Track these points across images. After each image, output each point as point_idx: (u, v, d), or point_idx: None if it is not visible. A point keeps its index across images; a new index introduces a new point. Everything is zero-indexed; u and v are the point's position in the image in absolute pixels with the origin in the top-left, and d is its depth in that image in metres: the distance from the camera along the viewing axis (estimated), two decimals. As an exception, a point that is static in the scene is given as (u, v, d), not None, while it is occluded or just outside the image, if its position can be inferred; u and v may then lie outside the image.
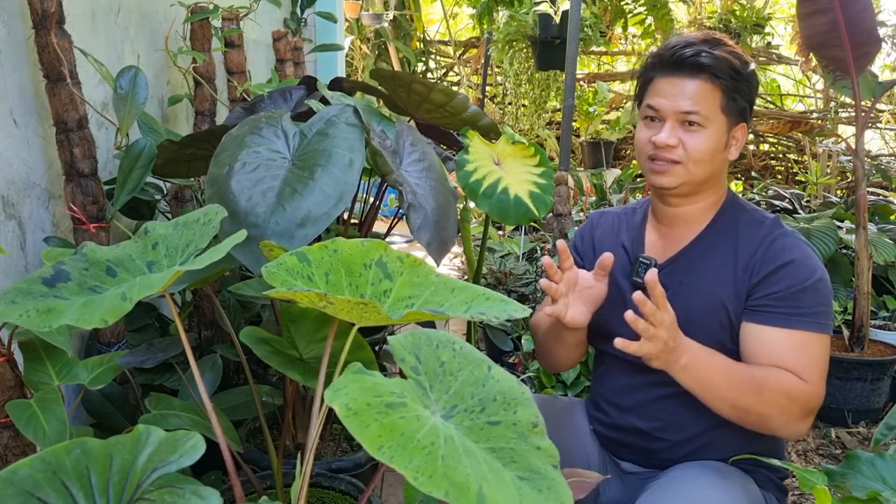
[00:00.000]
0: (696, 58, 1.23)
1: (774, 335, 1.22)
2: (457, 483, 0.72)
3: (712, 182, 1.31)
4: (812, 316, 1.22)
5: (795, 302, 1.22)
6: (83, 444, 0.81)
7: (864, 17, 2.34)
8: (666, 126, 1.26)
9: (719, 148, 1.27)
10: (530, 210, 1.73)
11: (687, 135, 1.25)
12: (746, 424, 1.21)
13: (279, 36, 2.81)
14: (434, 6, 7.43)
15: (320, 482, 1.50)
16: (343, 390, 0.78)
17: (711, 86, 1.24)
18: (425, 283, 1.04)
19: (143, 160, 1.55)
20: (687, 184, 1.28)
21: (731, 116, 1.26)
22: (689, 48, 1.25)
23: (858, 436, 2.48)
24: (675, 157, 1.26)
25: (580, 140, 5.57)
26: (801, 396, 1.19)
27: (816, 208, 3.70)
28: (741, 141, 1.30)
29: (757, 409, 1.18)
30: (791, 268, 1.24)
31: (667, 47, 1.28)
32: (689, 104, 1.24)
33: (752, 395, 1.17)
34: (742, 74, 1.25)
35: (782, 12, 6.74)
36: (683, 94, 1.24)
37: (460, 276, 4.06)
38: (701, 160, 1.25)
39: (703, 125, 1.24)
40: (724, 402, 1.18)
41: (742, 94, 1.26)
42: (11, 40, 1.41)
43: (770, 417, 1.19)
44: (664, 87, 1.27)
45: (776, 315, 1.22)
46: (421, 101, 1.71)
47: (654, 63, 1.30)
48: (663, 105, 1.26)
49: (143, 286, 0.91)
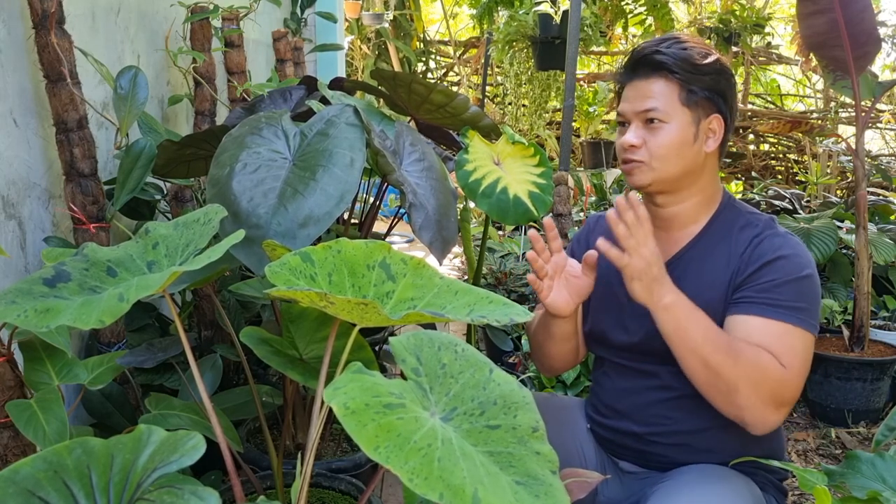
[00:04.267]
0: (649, 57, 1.27)
1: (753, 322, 1.21)
2: (452, 486, 0.71)
3: (693, 179, 1.30)
4: (793, 310, 1.21)
5: (775, 294, 1.21)
6: (84, 443, 0.81)
7: (864, 17, 2.34)
8: (630, 128, 1.30)
9: (686, 141, 1.27)
10: (530, 210, 1.73)
11: (650, 134, 1.28)
12: (714, 396, 1.18)
13: (279, 36, 2.81)
14: (434, 6, 7.43)
15: (320, 482, 1.50)
16: (342, 389, 0.78)
17: (666, 81, 1.27)
18: (428, 286, 1.04)
19: (143, 160, 1.55)
20: (658, 181, 1.29)
21: (695, 108, 1.27)
22: (644, 49, 1.29)
23: (858, 436, 2.48)
24: (638, 157, 1.29)
25: (580, 140, 5.57)
26: (775, 376, 1.17)
27: (816, 208, 3.70)
28: (719, 132, 1.30)
29: (727, 375, 1.15)
30: (777, 263, 1.23)
31: (630, 56, 1.34)
32: (646, 102, 1.27)
33: (725, 357, 1.15)
34: (699, 65, 1.26)
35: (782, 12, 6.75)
36: (641, 95, 1.28)
37: (460, 276, 4.06)
38: (665, 156, 1.27)
39: (664, 120, 1.27)
40: (695, 355, 1.16)
41: (701, 84, 1.27)
42: (11, 40, 1.41)
43: (738, 391, 1.16)
44: (628, 93, 1.31)
45: (756, 305, 1.21)
46: (421, 102, 1.71)
47: (620, 72, 1.36)
48: (625, 108, 1.31)
49: (140, 287, 0.91)
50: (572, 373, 2.32)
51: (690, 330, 1.17)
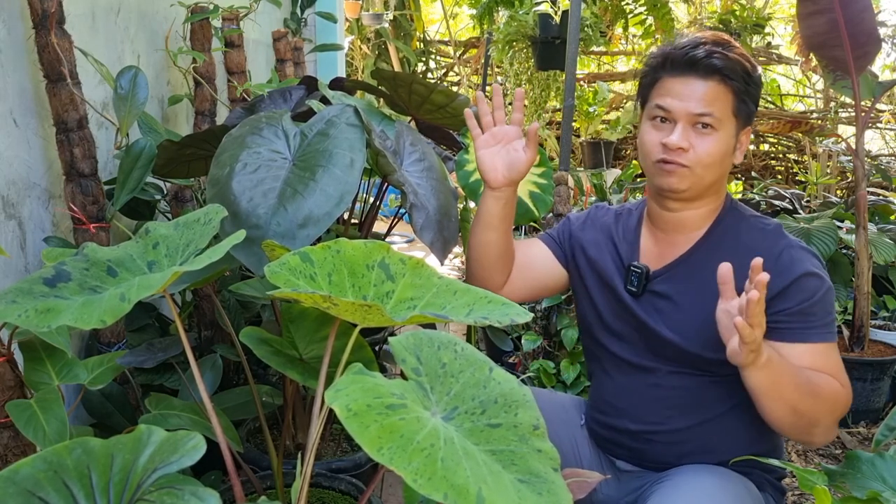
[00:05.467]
0: (709, 59, 1.21)
1: (797, 350, 1.20)
2: (456, 485, 0.71)
3: (717, 187, 1.29)
4: (825, 327, 1.22)
5: (810, 317, 1.21)
6: (84, 443, 0.81)
7: (864, 17, 2.34)
8: (678, 128, 1.23)
9: (728, 151, 1.25)
10: (530, 210, 1.73)
11: (698, 138, 1.23)
12: (790, 430, 1.18)
13: (279, 36, 2.81)
14: (434, 6, 7.43)
15: (320, 482, 1.50)
16: (344, 391, 0.78)
17: (724, 87, 1.22)
18: (427, 286, 1.04)
19: (143, 160, 1.55)
20: (694, 187, 1.25)
21: (741, 119, 1.25)
22: (701, 48, 1.22)
23: (858, 436, 2.48)
24: (684, 161, 1.23)
25: (580, 140, 5.57)
26: (843, 400, 1.19)
27: (816, 208, 3.70)
28: (745, 145, 1.29)
29: (810, 414, 1.15)
30: (802, 282, 1.22)
31: (677, 47, 1.25)
32: (703, 106, 1.21)
33: (811, 399, 1.15)
34: (752, 77, 1.24)
35: (782, 12, 6.74)
36: (696, 96, 1.21)
37: (460, 277, 4.06)
38: (711, 164, 1.23)
39: (716, 127, 1.22)
40: (786, 404, 1.14)
41: (751, 97, 1.25)
42: (11, 40, 1.41)
43: (818, 423, 1.17)
44: (675, 88, 1.23)
45: (793, 331, 1.21)
46: (422, 102, 1.71)
47: (662, 62, 1.26)
48: (675, 106, 1.23)
49: (141, 287, 0.91)
50: (572, 372, 2.33)
51: (784, 381, 1.13)
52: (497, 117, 1.33)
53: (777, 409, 1.15)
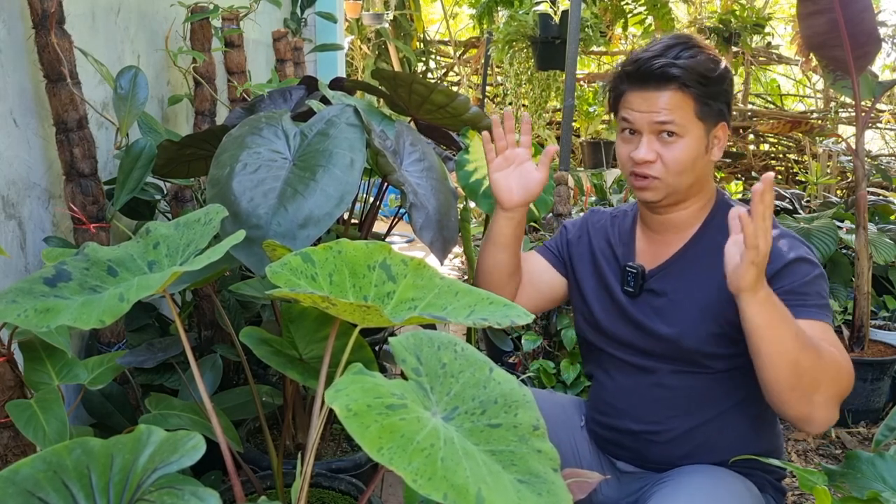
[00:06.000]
0: (663, 69, 1.21)
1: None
2: (456, 485, 0.71)
3: (699, 187, 1.30)
4: (820, 308, 1.20)
5: (803, 296, 1.20)
6: (84, 443, 0.81)
7: (864, 17, 2.34)
8: (643, 141, 1.25)
9: (699, 154, 1.25)
10: (530, 210, 1.73)
11: (665, 147, 1.24)
12: (789, 397, 1.12)
13: (279, 36, 2.81)
14: (434, 6, 7.43)
15: (320, 482, 1.50)
16: (344, 391, 0.78)
17: (682, 94, 1.22)
18: (429, 286, 1.04)
19: (143, 160, 1.55)
20: (671, 195, 1.27)
21: (708, 120, 1.25)
22: (655, 60, 1.22)
23: (858, 436, 2.48)
24: (653, 173, 1.25)
25: (580, 140, 5.57)
26: (845, 373, 1.14)
27: (816, 208, 3.70)
28: (723, 139, 1.29)
29: (812, 372, 1.10)
30: (794, 266, 1.22)
31: (631, 61, 1.27)
32: (664, 115, 1.22)
33: (812, 354, 1.10)
34: (712, 78, 1.23)
35: (782, 12, 6.75)
36: (656, 106, 1.23)
37: (460, 277, 4.06)
38: (681, 171, 1.24)
39: (681, 134, 1.23)
40: (786, 353, 1.09)
41: (716, 97, 1.24)
42: (11, 40, 1.41)
43: (820, 387, 1.11)
44: (636, 101, 1.25)
45: (791, 307, 1.16)
46: (422, 102, 1.71)
47: (622, 76, 1.28)
48: (637, 118, 1.25)
49: (140, 287, 0.91)
50: (572, 373, 2.33)
51: (784, 328, 1.09)
52: (509, 140, 1.36)
53: (777, 362, 1.10)
